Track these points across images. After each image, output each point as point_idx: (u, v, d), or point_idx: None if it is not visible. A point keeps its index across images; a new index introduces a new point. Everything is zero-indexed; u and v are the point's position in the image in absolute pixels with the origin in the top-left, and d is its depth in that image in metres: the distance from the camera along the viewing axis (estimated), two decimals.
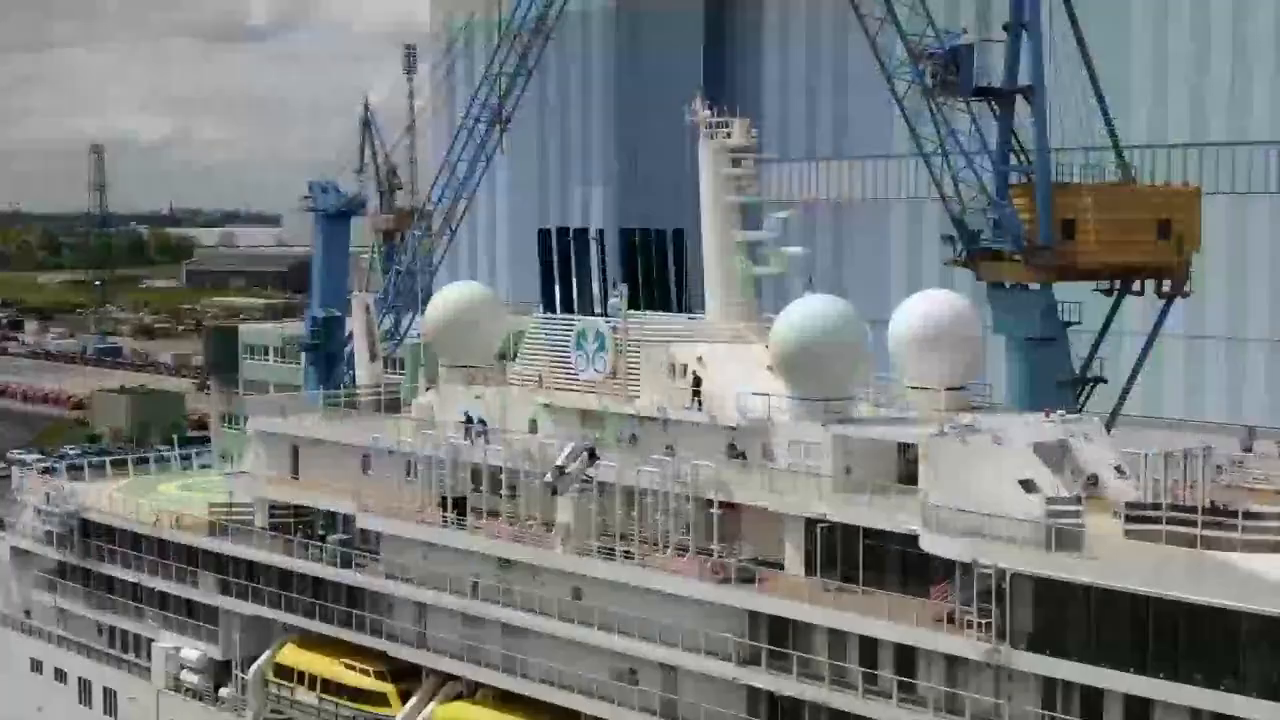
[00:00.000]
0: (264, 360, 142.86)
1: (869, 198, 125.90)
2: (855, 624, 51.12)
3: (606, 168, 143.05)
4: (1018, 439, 54.03)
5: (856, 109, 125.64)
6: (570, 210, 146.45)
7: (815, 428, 56.00)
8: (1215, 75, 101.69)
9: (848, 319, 57.14)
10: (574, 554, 59.51)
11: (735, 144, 64.51)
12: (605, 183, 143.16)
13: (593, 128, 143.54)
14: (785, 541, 55.40)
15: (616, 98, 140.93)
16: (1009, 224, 74.33)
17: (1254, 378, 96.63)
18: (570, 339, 65.21)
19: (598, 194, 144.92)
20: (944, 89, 73.78)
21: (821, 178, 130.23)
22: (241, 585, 73.15)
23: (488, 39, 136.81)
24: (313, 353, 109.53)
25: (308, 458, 73.59)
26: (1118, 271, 76.76)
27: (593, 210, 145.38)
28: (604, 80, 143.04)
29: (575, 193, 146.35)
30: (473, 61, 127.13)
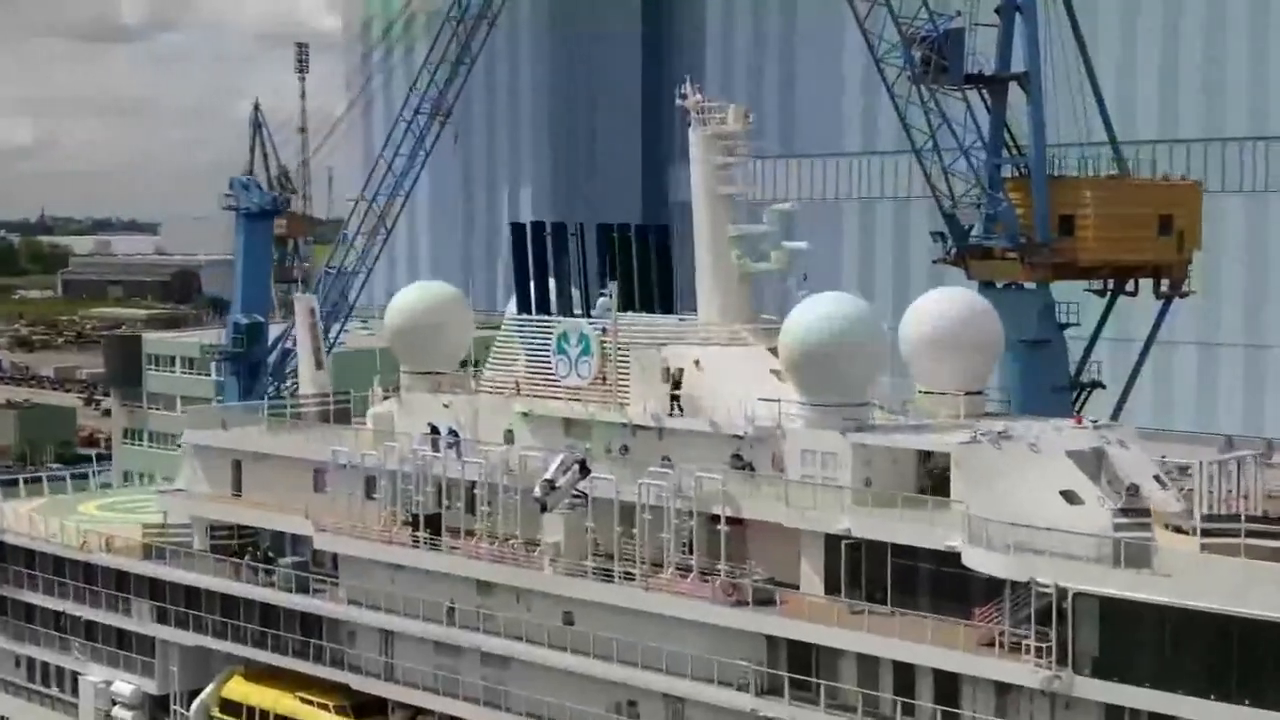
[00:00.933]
0: (170, 371, 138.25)
1: (820, 198, 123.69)
2: (890, 649, 48.64)
3: (537, 165, 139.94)
4: (1054, 446, 51.80)
5: (806, 103, 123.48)
6: (497, 210, 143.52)
7: (832, 436, 53.48)
8: (1231, 65, 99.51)
9: (865, 318, 54.82)
10: (565, 575, 56.50)
11: (729, 131, 61.56)
12: (535, 181, 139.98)
13: (521, 122, 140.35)
14: (802, 559, 52.84)
15: (549, 90, 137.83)
16: (1006, 219, 72.26)
17: (1275, 386, 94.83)
18: (550, 342, 62.14)
19: (527, 194, 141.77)
20: (937, 75, 71.50)
21: (768, 177, 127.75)
22: (181, 613, 69.52)
23: (410, 30, 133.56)
24: (234, 362, 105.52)
25: (252, 473, 70.20)
26: (1117, 270, 74.97)
27: (522, 210, 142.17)
28: (533, 71, 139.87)
29: (502, 192, 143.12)
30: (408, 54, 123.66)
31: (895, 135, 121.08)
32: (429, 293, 68.37)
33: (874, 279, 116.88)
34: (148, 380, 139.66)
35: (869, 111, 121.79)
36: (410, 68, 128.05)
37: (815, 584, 52.37)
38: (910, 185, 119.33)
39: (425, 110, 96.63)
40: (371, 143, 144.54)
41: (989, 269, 73.97)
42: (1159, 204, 74.53)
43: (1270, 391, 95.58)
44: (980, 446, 50.95)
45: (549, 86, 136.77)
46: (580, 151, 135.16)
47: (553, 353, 62.15)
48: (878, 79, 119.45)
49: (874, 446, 53.19)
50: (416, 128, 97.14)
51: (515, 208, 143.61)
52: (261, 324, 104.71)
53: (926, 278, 75.20)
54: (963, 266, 75.34)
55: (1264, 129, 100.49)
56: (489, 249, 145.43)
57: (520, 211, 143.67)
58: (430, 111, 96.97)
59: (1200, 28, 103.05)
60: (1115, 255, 73.69)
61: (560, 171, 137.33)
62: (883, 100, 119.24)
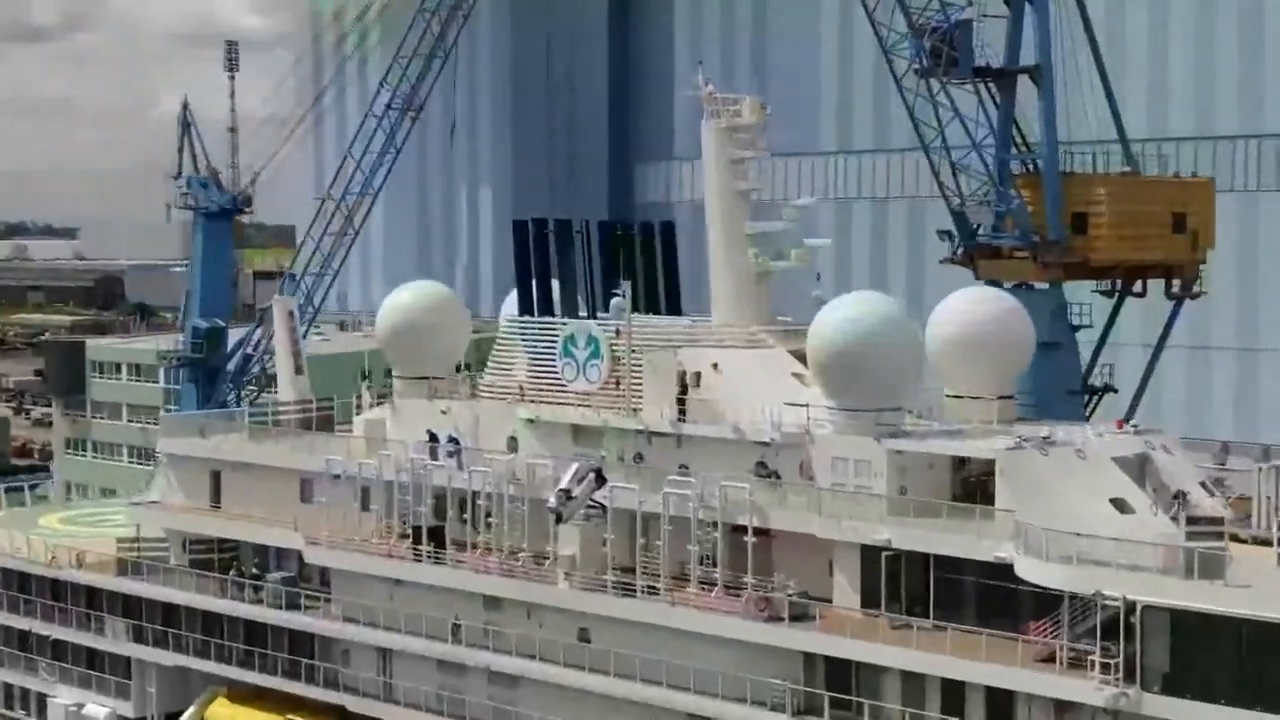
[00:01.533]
0: (115, 379, 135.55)
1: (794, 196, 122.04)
2: (940, 665, 47.22)
3: (497, 164, 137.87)
4: (1100, 453, 50.61)
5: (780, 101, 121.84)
6: (454, 212, 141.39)
7: (866, 442, 52.12)
8: (1222, 61, 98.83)
9: (898, 319, 53.56)
10: (582, 589, 54.79)
11: (744, 124, 60.03)
12: (495, 181, 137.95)
13: (480, 120, 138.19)
14: (835, 572, 51.42)
15: (511, 86, 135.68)
16: (1019, 217, 71.00)
17: (1269, 391, 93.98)
18: (557, 344, 60.41)
19: (487, 195, 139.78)
20: (948, 68, 70.15)
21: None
22: (159, 631, 67.40)
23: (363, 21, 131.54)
24: (193, 368, 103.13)
25: (232, 484, 68.30)
26: (1130, 270, 73.89)
27: (482, 212, 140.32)
28: (494, 66, 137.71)
29: (460, 192, 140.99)
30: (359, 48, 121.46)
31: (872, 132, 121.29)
32: (423, 294, 66.57)
33: (850, 281, 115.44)
34: (92, 388, 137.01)
35: (844, 109, 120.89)
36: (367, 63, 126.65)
37: (850, 597, 50.97)
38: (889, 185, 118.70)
39: (397, 105, 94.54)
40: (322, 142, 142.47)
41: (998, 269, 72.69)
42: (1172, 202, 73.53)
43: (1264, 395, 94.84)
44: (1026, 453, 49.75)
45: (510, 83, 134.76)
46: (544, 151, 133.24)
47: (559, 356, 60.47)
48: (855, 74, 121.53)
49: (910, 453, 51.83)
50: (388, 124, 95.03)
51: (474, 209, 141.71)
52: (222, 328, 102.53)
53: (930, 278, 73.78)
54: (970, 266, 74.07)
55: (1258, 127, 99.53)
56: (447, 252, 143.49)
57: (480, 213, 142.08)
58: (402, 107, 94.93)
59: (1192, 18, 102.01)
60: (1130, 254, 72.60)
61: (523, 172, 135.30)
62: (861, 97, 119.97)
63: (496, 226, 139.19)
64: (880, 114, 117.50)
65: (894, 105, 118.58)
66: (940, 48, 70.23)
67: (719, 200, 60.51)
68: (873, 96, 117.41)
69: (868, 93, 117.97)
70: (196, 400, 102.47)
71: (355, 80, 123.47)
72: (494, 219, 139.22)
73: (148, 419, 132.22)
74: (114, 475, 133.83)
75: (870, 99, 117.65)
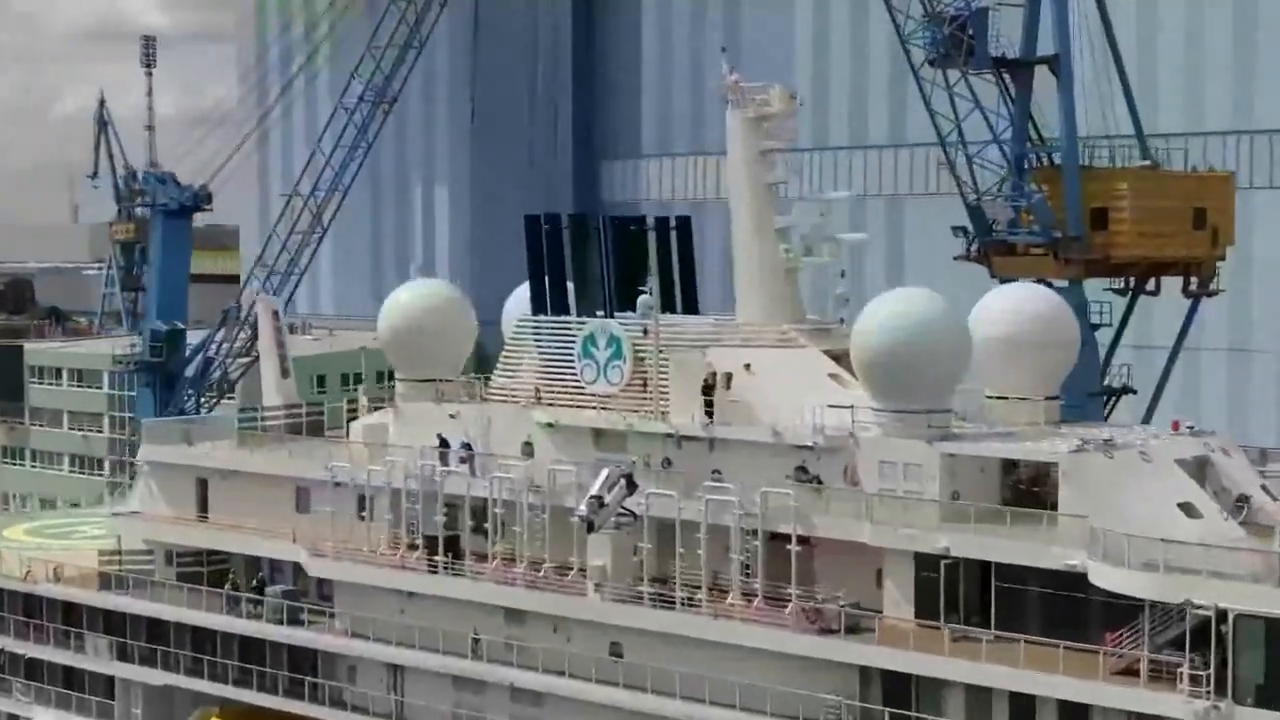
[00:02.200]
0: (55, 384, 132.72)
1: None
2: (1009, 679, 46.00)
3: (454, 162, 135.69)
4: (1163, 456, 49.67)
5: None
6: (408, 212, 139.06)
7: (917, 445, 50.95)
8: (1263, 53, 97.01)
9: (947, 316, 52.34)
10: (614, 602, 53.28)
11: (772, 113, 58.62)
12: (453, 180, 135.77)
13: (436, 116, 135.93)
14: (886, 581, 50.20)
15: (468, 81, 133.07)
16: (1040, 212, 70.06)
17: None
18: (574, 345, 58.83)
19: (443, 193, 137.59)
20: (967, 57, 69.16)
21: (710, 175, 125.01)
22: (145, 649, 65.32)
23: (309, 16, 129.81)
24: (150, 372, 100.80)
25: (220, 493, 66.40)
26: (1151, 267, 73.15)
27: (438, 212, 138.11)
28: (451, 59, 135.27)
29: (415, 191, 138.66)
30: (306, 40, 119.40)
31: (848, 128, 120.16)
32: (428, 292, 64.97)
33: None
34: (30, 394, 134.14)
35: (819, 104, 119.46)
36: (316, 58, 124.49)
37: (902, 608, 49.78)
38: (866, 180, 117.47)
39: (369, 98, 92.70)
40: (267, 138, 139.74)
41: (1015, 266, 71.79)
42: (1193, 197, 72.91)
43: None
44: (1091, 456, 48.81)
45: (468, 76, 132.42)
46: (504, 148, 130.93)
47: (577, 357, 58.90)
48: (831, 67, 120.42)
49: (962, 456, 50.67)
50: (359, 117, 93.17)
51: (429, 209, 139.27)
52: (181, 331, 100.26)
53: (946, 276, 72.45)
54: (985, 263, 73.15)
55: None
56: (399, 252, 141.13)
57: (435, 213, 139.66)
58: (374, 100, 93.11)
59: (1228, 8, 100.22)
60: (1151, 251, 71.89)
61: (481, 170, 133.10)
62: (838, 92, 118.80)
63: (453, 226, 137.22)
64: (856, 109, 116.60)
65: (872, 100, 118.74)
66: (960, 36, 69.18)
67: (746, 193, 58.95)
68: (850, 93, 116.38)
69: (844, 88, 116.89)
70: (154, 406, 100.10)
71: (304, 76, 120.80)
72: (450, 218, 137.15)
73: (90, 426, 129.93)
74: (54, 485, 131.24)
75: (847, 95, 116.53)
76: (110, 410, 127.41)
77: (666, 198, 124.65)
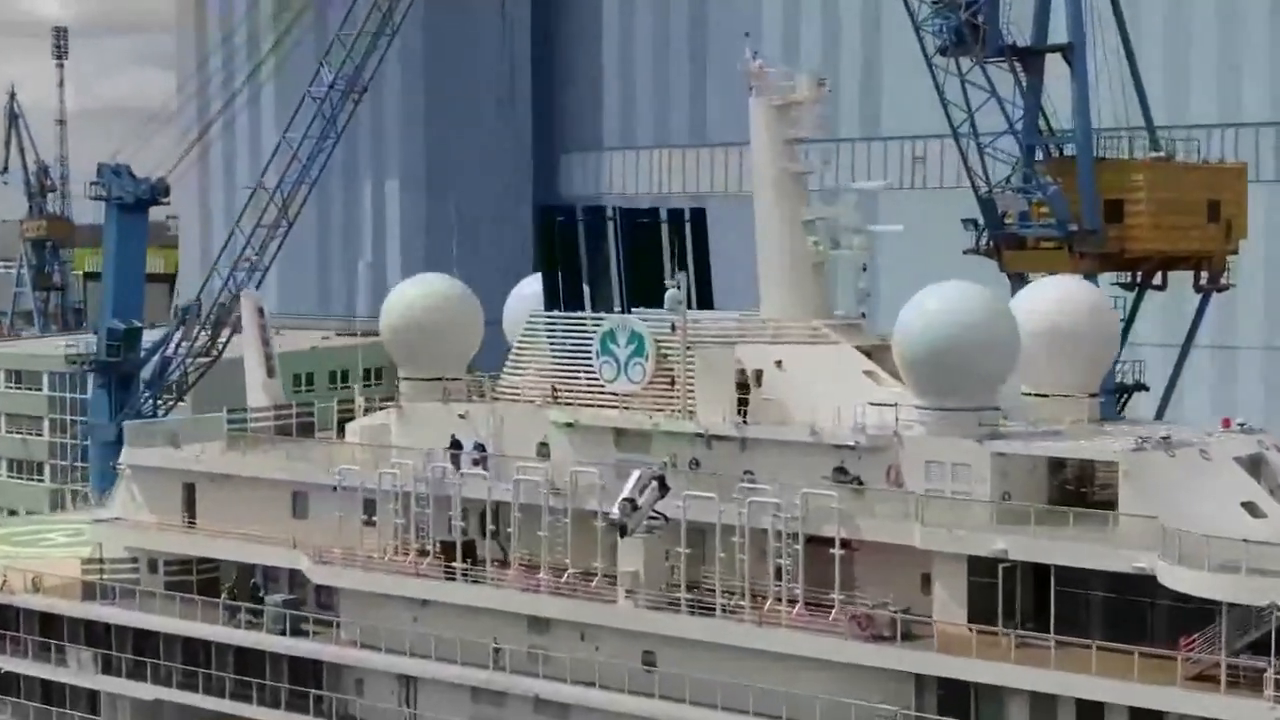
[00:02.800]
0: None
1: (730, 192, 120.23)
2: (1076, 685, 45.29)
3: (407, 154, 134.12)
4: (1222, 454, 49.17)
5: (718, 89, 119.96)
6: (357, 206, 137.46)
7: (967, 444, 50.27)
8: (1251, 44, 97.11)
9: (999, 310, 51.56)
10: (648, 609, 52.20)
11: (799, 100, 57.68)
12: (405, 173, 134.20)
13: (386, 106, 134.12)
14: (936, 585, 49.43)
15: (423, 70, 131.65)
16: (1056, 205, 69.49)
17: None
18: (594, 341, 57.69)
19: (394, 187, 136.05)
20: (984, 45, 68.52)
21: (675, 168, 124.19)
22: (134, 661, 63.70)
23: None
24: (105, 373, 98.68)
25: (209, 498, 64.84)
26: (1166, 261, 72.77)
27: (389, 206, 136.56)
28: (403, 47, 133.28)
29: (364, 185, 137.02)
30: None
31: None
32: (432, 287, 63.63)
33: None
34: None
35: None
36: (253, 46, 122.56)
37: (954, 612, 49.00)
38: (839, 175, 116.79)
39: (340, 87, 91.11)
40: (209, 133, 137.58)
41: (1027, 260, 71.28)
42: (1207, 189, 72.62)
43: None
44: (1152, 455, 48.20)
45: (422, 66, 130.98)
46: (460, 141, 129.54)
47: (596, 354, 57.77)
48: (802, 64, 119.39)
49: (1014, 456, 49.95)
50: (328, 107, 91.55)
51: (380, 203, 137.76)
52: (139, 330, 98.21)
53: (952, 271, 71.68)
54: (996, 258, 72.54)
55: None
56: (348, 248, 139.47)
57: (386, 208, 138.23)
58: (344, 89, 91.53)
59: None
60: (1167, 245, 71.52)
61: (435, 163, 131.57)
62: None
63: (405, 221, 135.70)
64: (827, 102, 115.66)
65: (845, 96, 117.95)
66: (975, 23, 68.55)
67: (772, 184, 58.07)
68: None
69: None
70: (109, 409, 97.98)
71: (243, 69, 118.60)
72: (402, 213, 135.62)
73: (29, 430, 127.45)
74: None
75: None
76: (51, 413, 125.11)
77: (630, 191, 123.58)
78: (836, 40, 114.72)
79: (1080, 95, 70.60)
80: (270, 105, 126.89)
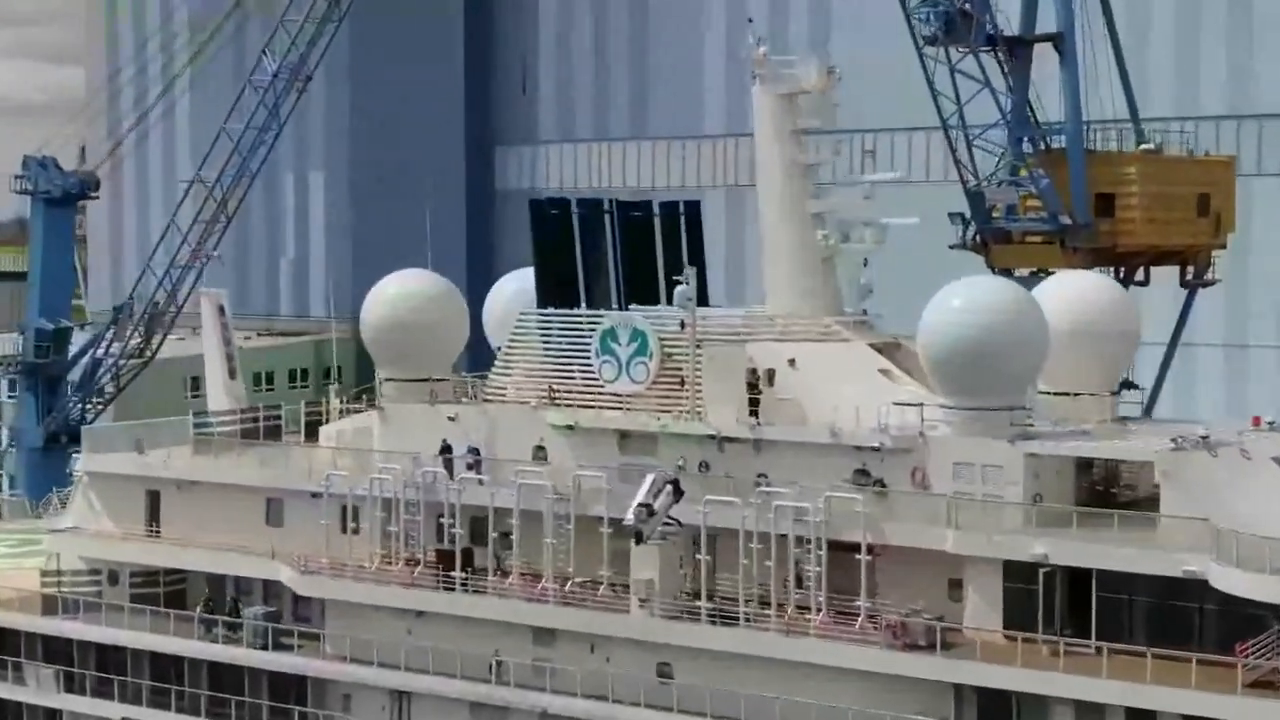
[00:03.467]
0: None
1: (673, 186, 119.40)
2: (1127, 694, 44.92)
3: (331, 145, 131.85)
4: (1260, 453, 48.98)
5: (660, 80, 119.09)
6: (278, 200, 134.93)
7: (998, 445, 49.78)
8: (1257, 32, 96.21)
9: (1029, 305, 51.06)
10: (665, 618, 51.25)
11: (809, 88, 56.89)
12: (330, 164, 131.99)
13: (309, 94, 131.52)
14: (969, 591, 48.87)
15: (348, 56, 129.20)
16: (1048, 198, 69.24)
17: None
18: (593, 340, 56.66)
19: (318, 179, 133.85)
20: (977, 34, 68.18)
21: (615, 163, 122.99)
22: (99, 679, 62.08)
23: None
24: (31, 375, 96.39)
25: (174, 506, 63.34)
26: (1157, 255, 72.75)
27: (312, 199, 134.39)
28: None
29: (285, 177, 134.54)
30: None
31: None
32: (416, 284, 62.24)
33: (744, 274, 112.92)
34: None
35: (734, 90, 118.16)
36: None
37: (989, 619, 48.43)
38: None
39: (284, 75, 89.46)
40: (121, 126, 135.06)
41: (1016, 256, 71.03)
42: (1198, 182, 72.67)
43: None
44: (1194, 454, 47.82)
45: (348, 51, 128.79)
46: (387, 131, 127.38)
47: (595, 353, 56.75)
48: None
49: (1047, 457, 49.47)
50: (271, 97, 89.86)
51: (303, 196, 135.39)
52: (68, 330, 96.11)
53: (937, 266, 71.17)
54: (983, 253, 72.20)
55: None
56: (269, 245, 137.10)
57: (310, 201, 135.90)
58: (288, 78, 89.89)
59: None
60: (1159, 239, 71.50)
61: (361, 154, 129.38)
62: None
63: (330, 216, 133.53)
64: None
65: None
66: (966, 10, 68.15)
67: (779, 175, 57.25)
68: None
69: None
70: (36, 414, 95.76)
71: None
72: (326, 207, 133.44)
73: None
74: None
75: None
76: None
77: (568, 185, 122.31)
78: (785, 26, 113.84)
79: (1071, 85, 70.42)
80: (185, 103, 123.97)
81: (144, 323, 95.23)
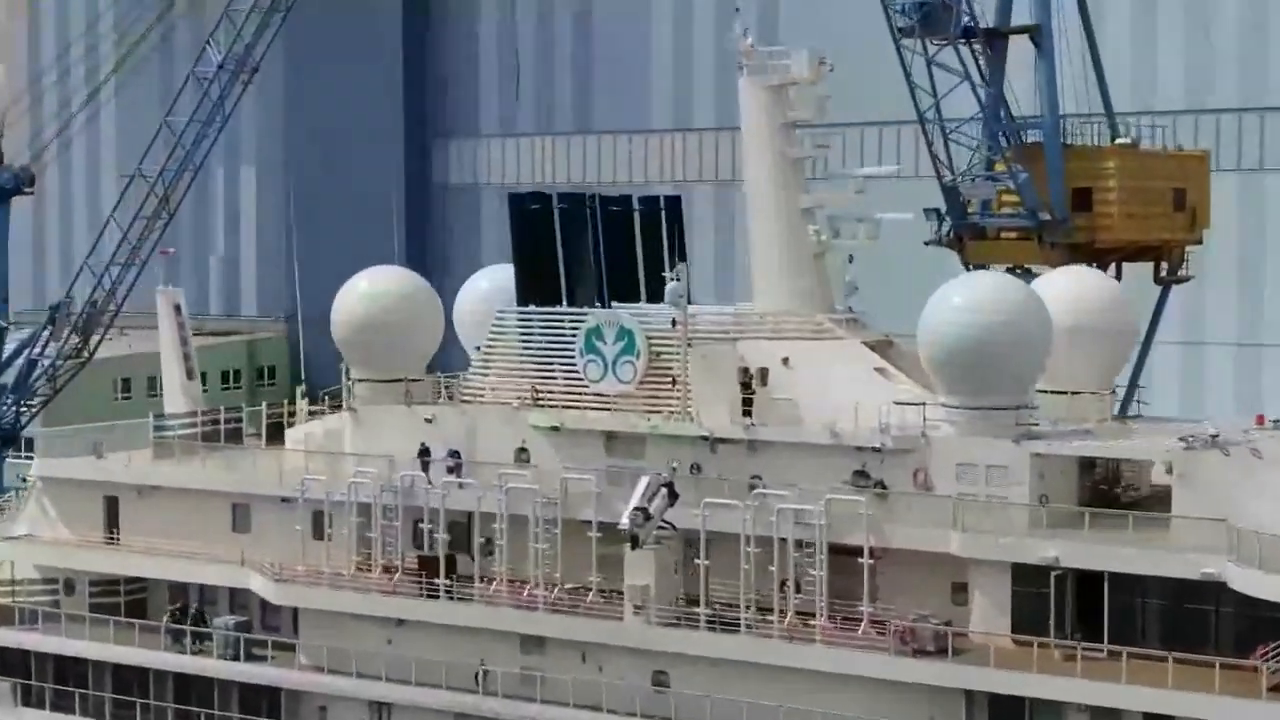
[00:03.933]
0: None
1: (619, 180, 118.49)
2: (1145, 699, 44.61)
3: (264, 139, 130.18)
4: (1272, 452, 48.83)
5: (608, 73, 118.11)
6: (209, 195, 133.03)
7: (1003, 445, 49.42)
8: (1220, 26, 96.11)
9: (1033, 302, 50.79)
10: (661, 625, 50.57)
11: (799, 80, 56.27)
12: (261, 159, 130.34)
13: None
14: (975, 595, 48.51)
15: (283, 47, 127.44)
16: (1026, 193, 69.00)
17: (1272, 389, 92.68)
18: (577, 338, 55.88)
19: (249, 174, 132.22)
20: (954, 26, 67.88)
21: (560, 158, 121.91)
22: (59, 692, 60.76)
23: None
24: None
25: (134, 512, 62.22)
26: (1136, 251, 72.64)
27: (243, 194, 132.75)
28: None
29: (216, 172, 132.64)
30: None
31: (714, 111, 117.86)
32: (390, 281, 61.22)
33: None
34: None
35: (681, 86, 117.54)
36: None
37: (996, 623, 48.11)
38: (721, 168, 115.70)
39: (230, 66, 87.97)
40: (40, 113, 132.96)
41: (992, 252, 70.77)
42: (1173, 177, 72.65)
43: (1267, 393, 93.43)
44: (1206, 454, 47.61)
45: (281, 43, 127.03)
46: (323, 125, 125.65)
47: (580, 352, 55.97)
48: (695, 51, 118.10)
49: (1053, 457, 49.15)
50: (216, 89, 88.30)
51: (233, 192, 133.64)
52: (4, 329, 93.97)
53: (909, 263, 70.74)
54: (957, 249, 71.90)
55: (1260, 99, 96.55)
56: (198, 242, 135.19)
57: (240, 196, 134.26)
58: (233, 69, 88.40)
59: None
60: (1139, 234, 71.39)
61: (294, 149, 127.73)
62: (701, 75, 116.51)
63: (261, 212, 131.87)
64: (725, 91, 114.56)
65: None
66: (948, 3, 67.82)
67: (769, 169, 56.51)
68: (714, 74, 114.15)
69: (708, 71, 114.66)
70: None
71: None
72: (258, 203, 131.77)
73: None
74: None
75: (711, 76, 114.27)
76: None
77: (510, 181, 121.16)
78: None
79: (1048, 79, 70.24)
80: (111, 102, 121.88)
81: (82, 322, 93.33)
